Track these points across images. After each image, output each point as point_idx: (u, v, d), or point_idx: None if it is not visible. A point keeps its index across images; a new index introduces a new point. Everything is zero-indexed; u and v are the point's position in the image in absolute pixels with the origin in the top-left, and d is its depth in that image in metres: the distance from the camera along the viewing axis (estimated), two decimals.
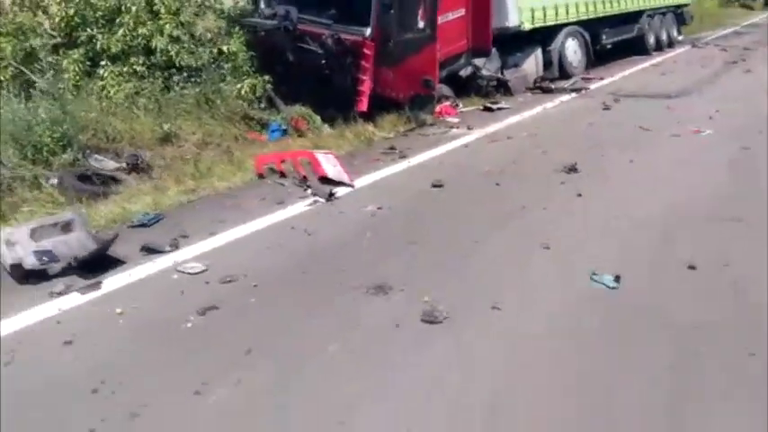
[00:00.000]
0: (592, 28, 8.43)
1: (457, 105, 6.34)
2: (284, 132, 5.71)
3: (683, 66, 9.05)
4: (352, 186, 3.96)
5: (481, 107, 6.35)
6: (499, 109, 6.28)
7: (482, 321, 2.26)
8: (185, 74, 5.66)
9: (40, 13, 5.78)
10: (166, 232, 3.20)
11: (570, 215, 3.27)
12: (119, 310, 2.45)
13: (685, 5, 12.05)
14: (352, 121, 5.68)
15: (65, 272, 2.74)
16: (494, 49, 6.73)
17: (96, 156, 4.71)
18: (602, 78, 8.00)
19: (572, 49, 8.06)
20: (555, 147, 4.72)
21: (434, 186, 3.87)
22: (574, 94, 7.05)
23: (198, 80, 5.65)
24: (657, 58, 10.00)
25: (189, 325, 2.34)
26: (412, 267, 2.74)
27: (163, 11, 5.66)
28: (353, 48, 5.55)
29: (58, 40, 5.79)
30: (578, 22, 8.09)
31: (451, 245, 2.98)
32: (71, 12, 5.63)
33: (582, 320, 2.25)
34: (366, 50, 5.53)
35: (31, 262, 2.76)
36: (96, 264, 2.79)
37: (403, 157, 4.63)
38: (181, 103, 5.53)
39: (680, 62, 9.57)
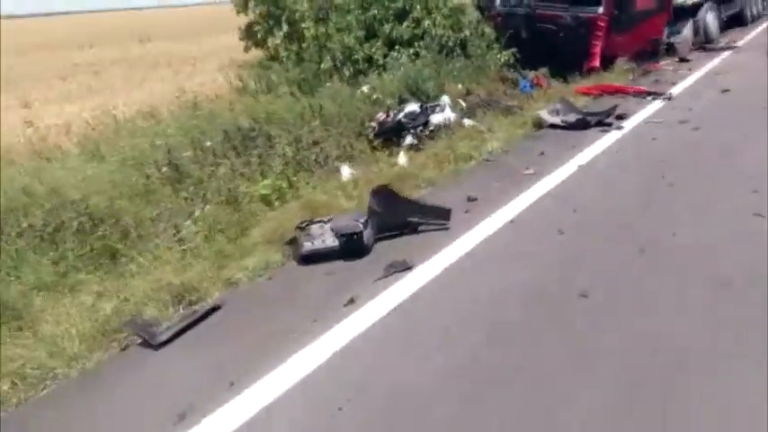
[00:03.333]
0: (716, 4, 12.21)
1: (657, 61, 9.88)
2: (531, 87, 9.12)
3: None
4: (669, 94, 7.37)
5: (677, 59, 9.89)
6: (688, 60, 9.84)
7: None
8: (455, 52, 9.05)
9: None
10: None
11: None
12: (658, 120, 5.79)
13: None
14: (584, 76, 9.12)
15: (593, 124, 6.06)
16: None
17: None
18: (736, 41, 11.69)
19: (711, 20, 11.76)
20: (762, 76, 8.20)
21: (723, 92, 7.30)
22: (730, 51, 10.68)
23: (465, 55, 9.06)
24: (759, 28, 13.80)
25: (692, 129, 5.69)
26: (758, 105, 6.09)
27: (434, 8, 9.13)
28: (589, 22, 9.06)
29: (363, 33, 9.24)
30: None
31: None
32: (374, 12, 9.13)
33: None
34: (600, 23, 9.04)
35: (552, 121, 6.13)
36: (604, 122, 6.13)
37: (673, 83, 8.08)
38: (461, 71, 8.90)
39: None
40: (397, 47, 9.10)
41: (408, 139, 6.17)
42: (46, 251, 3.60)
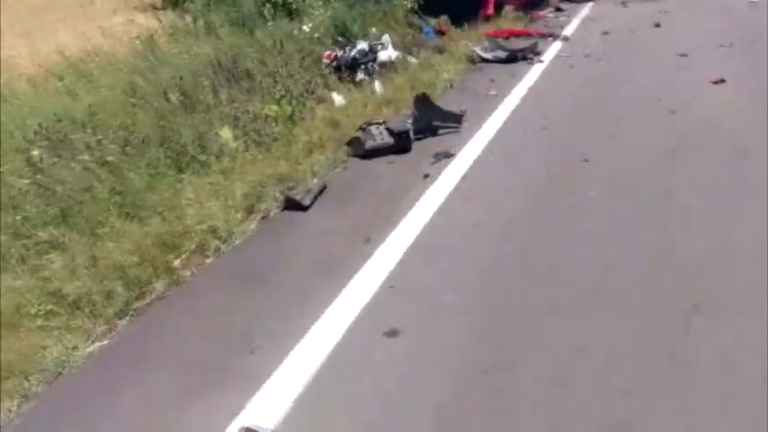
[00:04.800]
0: None
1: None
2: (435, 33, 10.88)
3: None
4: (565, 36, 9.49)
5: (554, 9, 12.24)
6: (563, 10, 12.25)
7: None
8: None
9: None
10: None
11: (676, 29, 9.29)
12: (567, 55, 7.76)
13: None
14: (482, 23, 11.09)
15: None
16: None
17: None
18: None
19: None
20: (629, 21, 10.75)
21: (604, 33, 9.60)
22: (591, 3, 13.36)
23: (375, 0, 10.52)
24: None
25: (596, 60, 7.76)
26: (637, 44, 8.44)
27: None
28: None
29: None
30: None
31: (643, 35, 8.76)
32: None
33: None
34: None
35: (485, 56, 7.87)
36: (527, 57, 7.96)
37: (561, 27, 10.26)
38: (373, 16, 10.35)
39: None
40: None
41: (360, 74, 7.45)
42: (124, 162, 4.35)
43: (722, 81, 6.13)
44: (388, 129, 4.72)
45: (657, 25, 9.87)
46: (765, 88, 5.72)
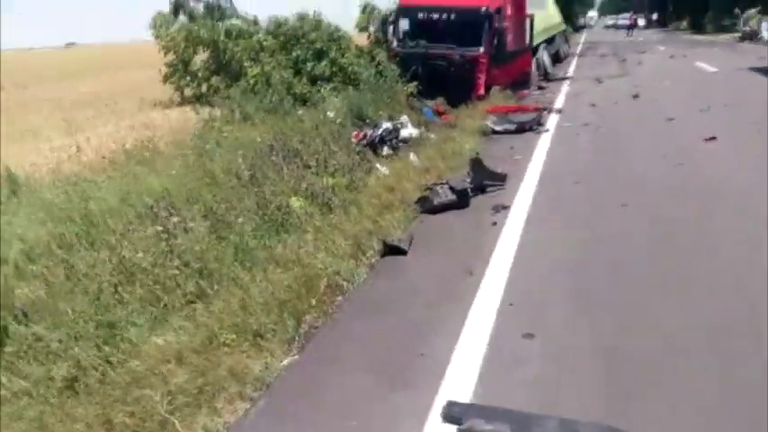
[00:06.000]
0: (547, 45, 16.66)
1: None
2: (433, 114, 12.04)
3: (596, 63, 17.80)
4: (559, 109, 10.64)
5: (536, 87, 13.59)
6: (545, 87, 13.60)
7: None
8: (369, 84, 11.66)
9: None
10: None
11: (654, 98, 10.54)
12: (568, 125, 8.80)
13: (564, 30, 21.70)
14: (474, 103, 12.31)
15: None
16: None
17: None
18: (567, 73, 16.08)
19: (546, 57, 16.03)
20: (610, 95, 12.06)
21: (592, 105, 10.81)
22: (568, 81, 14.82)
23: (376, 87, 11.71)
24: (573, 63, 18.76)
25: (596, 128, 8.83)
26: (626, 112, 9.60)
27: (346, 48, 11.75)
28: (473, 59, 12.35)
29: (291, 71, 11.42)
30: (543, 42, 16.19)
31: (628, 105, 9.95)
32: (298, 53, 11.41)
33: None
34: (482, 60, 12.38)
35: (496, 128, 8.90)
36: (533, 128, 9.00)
37: (551, 102, 11.47)
38: (377, 102, 11.47)
39: (591, 63, 18.39)
40: (318, 82, 11.34)
41: (385, 149, 8.34)
42: (228, 228, 5.00)
43: (713, 138, 7.14)
44: (450, 188, 5.50)
45: (636, 96, 11.15)
46: (748, 141, 6.79)
